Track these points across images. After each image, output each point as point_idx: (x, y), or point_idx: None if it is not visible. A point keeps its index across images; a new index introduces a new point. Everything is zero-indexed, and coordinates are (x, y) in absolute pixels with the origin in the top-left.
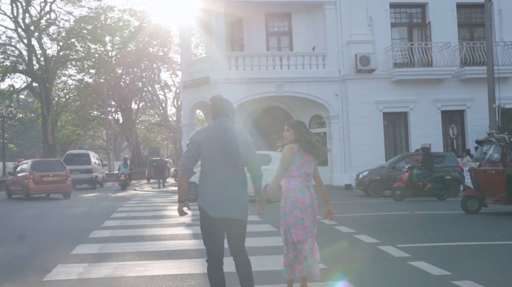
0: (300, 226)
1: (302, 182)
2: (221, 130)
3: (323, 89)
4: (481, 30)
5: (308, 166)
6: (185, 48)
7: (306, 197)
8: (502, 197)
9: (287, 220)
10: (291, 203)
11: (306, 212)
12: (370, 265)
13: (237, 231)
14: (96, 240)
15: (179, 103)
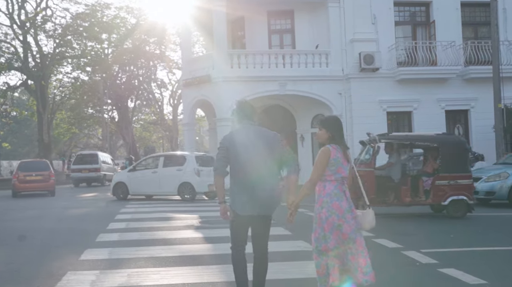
0: (338, 232)
1: (338, 186)
2: (247, 133)
3: (326, 88)
4: (485, 29)
5: (345, 169)
6: (185, 46)
7: (343, 203)
8: (373, 199)
9: (324, 227)
10: (328, 208)
11: (344, 218)
12: (399, 272)
13: (261, 225)
14: (104, 244)
15: (175, 102)
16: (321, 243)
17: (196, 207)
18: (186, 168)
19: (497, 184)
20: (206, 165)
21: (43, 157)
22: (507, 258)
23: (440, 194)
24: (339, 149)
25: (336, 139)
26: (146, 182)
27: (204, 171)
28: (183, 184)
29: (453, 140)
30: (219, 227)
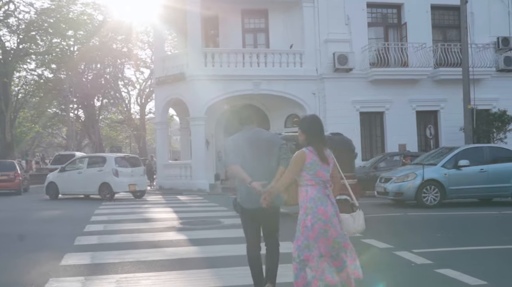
0: (323, 239)
1: (321, 190)
2: (248, 136)
3: (300, 87)
4: (454, 32)
5: (325, 172)
6: (157, 43)
7: (329, 207)
8: None
9: (309, 235)
10: (313, 215)
11: (331, 223)
12: (397, 274)
13: (270, 217)
14: (84, 247)
15: (143, 101)
16: (303, 252)
17: (174, 208)
18: (105, 168)
19: (405, 185)
20: (127, 165)
21: (6, 157)
22: (500, 256)
23: None
24: (316, 153)
25: (312, 141)
26: (72, 182)
27: (123, 171)
28: (103, 184)
29: (338, 141)
30: (202, 228)
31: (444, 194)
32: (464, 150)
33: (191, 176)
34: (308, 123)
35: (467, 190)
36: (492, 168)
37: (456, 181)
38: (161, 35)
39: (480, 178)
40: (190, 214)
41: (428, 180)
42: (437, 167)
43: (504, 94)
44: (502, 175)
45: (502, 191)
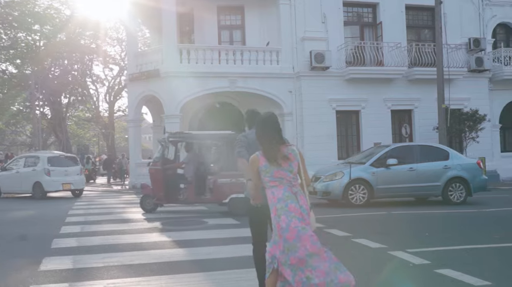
0: (306, 236)
1: (288, 189)
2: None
3: (276, 85)
4: (428, 33)
5: (285, 171)
6: (131, 39)
7: (298, 205)
8: (161, 196)
9: (287, 236)
10: (286, 214)
11: (304, 221)
12: (397, 275)
13: None
14: (63, 251)
15: (111, 99)
16: (288, 255)
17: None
18: (38, 168)
19: (333, 184)
20: (61, 165)
21: None
22: (495, 255)
23: (221, 192)
24: (265, 157)
25: (261, 144)
26: (11, 181)
27: (57, 171)
28: (36, 183)
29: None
30: (186, 229)
31: (372, 193)
32: (394, 149)
33: None
34: (260, 126)
35: (396, 189)
36: (421, 166)
37: (384, 180)
38: (134, 30)
39: (409, 176)
40: (170, 214)
41: (356, 179)
42: (365, 166)
43: (475, 94)
44: (432, 174)
45: (432, 190)
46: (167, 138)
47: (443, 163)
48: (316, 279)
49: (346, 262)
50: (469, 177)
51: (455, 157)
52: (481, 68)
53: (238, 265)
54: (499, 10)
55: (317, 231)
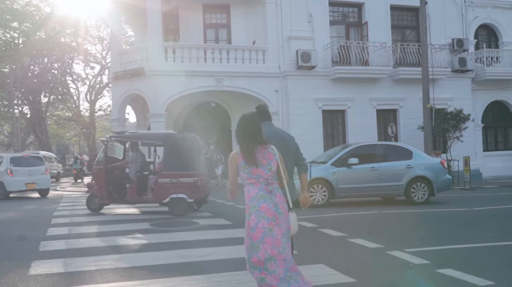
0: (270, 239)
1: (263, 187)
2: (270, 130)
3: (263, 85)
4: (412, 33)
5: (263, 169)
6: (115, 37)
7: (272, 205)
8: (104, 196)
9: (253, 235)
10: (256, 213)
11: (275, 221)
12: (399, 276)
13: None
14: (52, 254)
15: (92, 98)
16: (251, 254)
17: (139, 208)
18: (1, 168)
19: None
20: (24, 165)
21: None
22: (495, 254)
23: (162, 192)
24: (242, 155)
25: (239, 143)
26: None
27: (20, 171)
28: None
29: (176, 139)
30: (177, 230)
31: (333, 193)
32: (356, 148)
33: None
34: (240, 125)
35: (357, 189)
36: (383, 166)
37: (345, 179)
38: (118, 28)
39: (371, 176)
40: (158, 215)
41: (316, 179)
42: (326, 165)
43: (459, 94)
44: (394, 173)
45: (394, 189)
46: (110, 138)
47: (405, 162)
48: (269, 281)
49: (347, 262)
50: (432, 177)
51: (418, 157)
52: (464, 69)
53: (237, 267)
54: (481, 11)
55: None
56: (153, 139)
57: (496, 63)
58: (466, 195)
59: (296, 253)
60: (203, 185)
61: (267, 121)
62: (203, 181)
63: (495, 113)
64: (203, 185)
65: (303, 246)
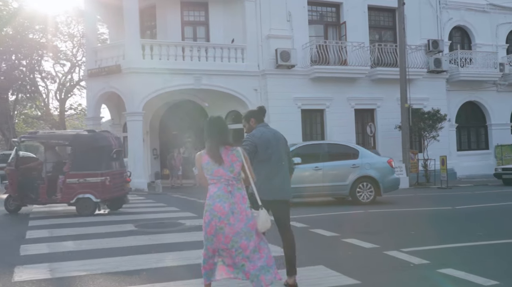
0: (220, 236)
1: (222, 187)
2: (269, 132)
3: (242, 83)
4: (388, 33)
5: (225, 170)
6: (90, 33)
7: (228, 204)
8: (17, 197)
9: (207, 230)
10: (210, 211)
11: (227, 220)
12: (401, 277)
13: (282, 208)
14: (35, 258)
15: (62, 96)
16: (206, 245)
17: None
18: None
19: None
20: None
21: None
22: (492, 253)
23: (70, 192)
24: (207, 154)
25: (206, 143)
26: None
27: None
28: None
29: (84, 139)
30: (164, 231)
31: None
32: (301, 147)
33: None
34: (207, 126)
35: (301, 189)
36: (327, 165)
37: None
38: (93, 25)
39: (315, 176)
40: (141, 215)
41: None
42: None
43: (434, 94)
44: (338, 173)
45: (339, 189)
46: (20, 139)
47: (351, 161)
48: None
49: (346, 263)
50: (379, 176)
51: (364, 156)
52: (439, 69)
53: None
54: (455, 13)
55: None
56: (61, 140)
57: (469, 64)
58: (444, 193)
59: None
60: (114, 184)
61: (263, 123)
62: (113, 180)
63: (468, 113)
64: (113, 184)
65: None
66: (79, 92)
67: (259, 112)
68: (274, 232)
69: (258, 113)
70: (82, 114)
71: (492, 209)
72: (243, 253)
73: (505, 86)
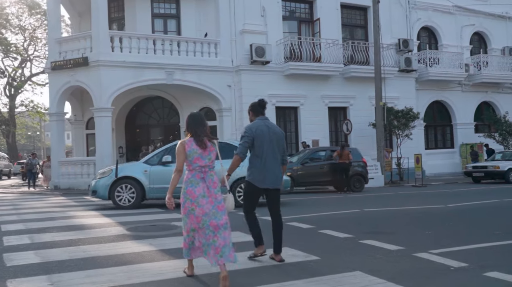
0: (192, 216)
1: (196, 174)
2: (266, 125)
3: (215, 79)
4: (360, 32)
5: (203, 159)
6: (53, 23)
7: (198, 189)
8: None
9: (182, 210)
10: (184, 194)
11: (197, 203)
12: (453, 283)
13: (274, 196)
14: (27, 269)
15: (12, 92)
16: (183, 224)
17: (100, 211)
18: None
19: (100, 182)
20: None
21: None
22: None
23: None
24: (195, 141)
25: (193, 133)
26: None
27: None
28: None
29: None
30: (161, 235)
31: (144, 193)
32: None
33: (94, 174)
34: (192, 119)
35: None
36: None
37: (159, 178)
38: (57, 14)
39: None
40: (126, 217)
41: (124, 177)
42: (138, 163)
43: (404, 93)
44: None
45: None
46: None
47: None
48: (196, 243)
49: (383, 267)
50: None
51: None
52: (410, 69)
53: (255, 274)
54: (423, 14)
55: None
56: None
57: (437, 64)
58: (423, 191)
59: (319, 258)
60: None
61: (262, 115)
62: None
63: (435, 112)
64: None
65: (319, 250)
66: (31, 88)
67: (257, 106)
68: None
69: (256, 107)
70: (34, 111)
71: (484, 206)
72: (213, 231)
73: (469, 87)
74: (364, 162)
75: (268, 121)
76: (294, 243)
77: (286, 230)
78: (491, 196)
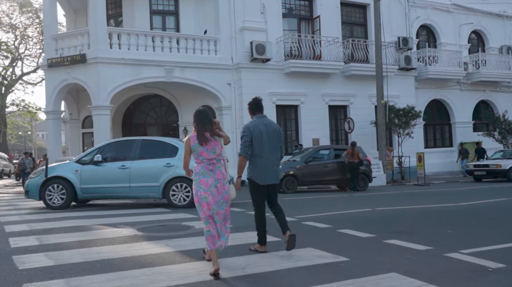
0: (204, 203)
1: (205, 166)
2: (264, 123)
3: (215, 77)
4: (359, 30)
5: (208, 152)
6: (49, 18)
7: (210, 179)
8: None
9: (195, 200)
10: (197, 185)
11: (209, 191)
12: (495, 285)
13: (273, 190)
14: (41, 273)
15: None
16: (199, 212)
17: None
18: None
19: (32, 182)
20: None
21: None
22: None
23: None
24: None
25: (197, 128)
26: None
27: None
28: None
29: None
30: (175, 236)
31: (74, 194)
32: (111, 143)
33: None
34: (194, 115)
35: (103, 190)
36: (136, 164)
37: (90, 179)
38: (54, 10)
39: (120, 175)
40: (131, 218)
41: (54, 177)
42: (70, 163)
43: (404, 91)
44: (148, 173)
45: (150, 191)
46: None
47: (165, 160)
48: (213, 231)
49: (419, 269)
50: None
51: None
52: (409, 67)
53: (295, 279)
54: (422, 12)
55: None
56: None
57: (436, 63)
58: (426, 190)
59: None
60: None
61: (260, 113)
62: None
63: (434, 111)
64: None
65: (344, 250)
66: (22, 87)
67: (253, 105)
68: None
69: (252, 106)
70: (25, 110)
71: (495, 205)
72: (220, 220)
73: (468, 85)
74: (368, 160)
75: (266, 119)
76: (316, 243)
77: (304, 229)
78: (497, 195)
